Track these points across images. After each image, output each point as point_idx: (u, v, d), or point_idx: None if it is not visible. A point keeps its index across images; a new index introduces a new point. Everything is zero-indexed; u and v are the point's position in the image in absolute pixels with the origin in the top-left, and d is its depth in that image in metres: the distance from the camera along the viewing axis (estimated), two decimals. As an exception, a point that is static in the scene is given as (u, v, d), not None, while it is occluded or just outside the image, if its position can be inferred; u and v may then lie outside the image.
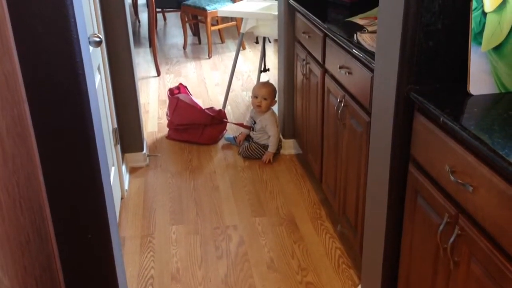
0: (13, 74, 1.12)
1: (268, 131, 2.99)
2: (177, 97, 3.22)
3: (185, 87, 3.43)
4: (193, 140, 3.19)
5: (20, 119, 1.14)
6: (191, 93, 3.46)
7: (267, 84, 3.08)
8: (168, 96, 3.33)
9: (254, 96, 3.01)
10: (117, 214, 2.44)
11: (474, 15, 1.29)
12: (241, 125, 3.18)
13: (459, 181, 1.16)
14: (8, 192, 1.02)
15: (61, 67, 1.18)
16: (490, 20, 1.30)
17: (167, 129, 3.34)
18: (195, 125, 3.19)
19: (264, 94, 2.97)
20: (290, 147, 3.08)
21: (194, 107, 3.19)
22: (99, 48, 2.28)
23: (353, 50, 1.84)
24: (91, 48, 1.85)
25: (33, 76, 1.18)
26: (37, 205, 1.22)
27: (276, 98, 3.06)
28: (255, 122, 3.04)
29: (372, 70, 1.67)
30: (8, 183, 1.02)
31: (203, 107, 3.37)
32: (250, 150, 3.01)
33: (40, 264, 1.21)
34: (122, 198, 2.63)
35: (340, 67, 1.99)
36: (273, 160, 2.98)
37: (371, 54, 1.71)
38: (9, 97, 1.08)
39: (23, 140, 1.14)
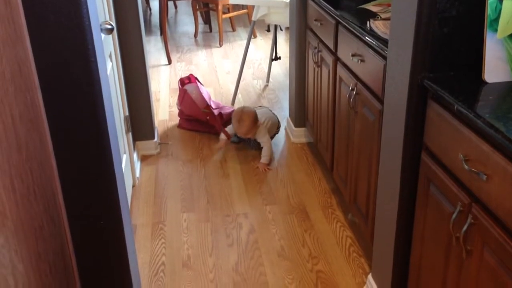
0: (26, 62, 1.13)
1: (259, 141, 2.89)
2: (185, 89, 3.22)
3: (196, 78, 3.41)
4: (202, 130, 3.20)
5: (33, 106, 1.14)
6: (201, 82, 3.44)
7: (243, 118, 2.81)
8: (179, 87, 3.33)
9: (235, 132, 2.88)
10: (129, 201, 2.45)
11: (490, 1, 1.27)
12: (225, 133, 2.97)
13: (473, 169, 1.15)
14: (22, 179, 1.02)
15: (73, 54, 1.19)
16: (506, 6, 1.28)
17: (178, 118, 3.35)
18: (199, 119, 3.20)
19: (244, 131, 2.83)
20: (301, 135, 3.07)
21: (196, 104, 3.16)
22: (110, 35, 2.28)
23: (366, 37, 1.82)
24: (102, 35, 1.85)
25: (46, 63, 1.18)
26: (50, 192, 1.23)
27: (260, 121, 2.88)
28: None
29: (385, 58, 1.65)
30: (22, 170, 1.03)
31: (212, 98, 3.36)
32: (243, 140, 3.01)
33: (54, 249, 1.22)
34: (133, 186, 2.65)
35: (353, 55, 1.98)
36: (271, 165, 2.97)
37: (384, 42, 1.69)
38: (22, 84, 1.09)
39: (36, 127, 1.15)
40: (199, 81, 3.40)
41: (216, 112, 3.12)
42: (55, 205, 1.26)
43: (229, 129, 2.96)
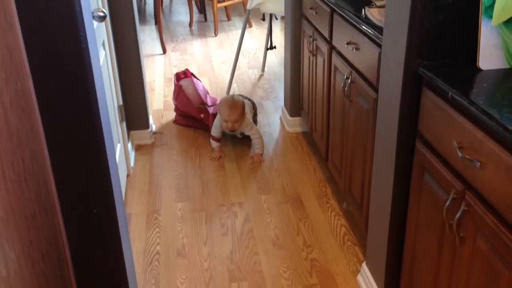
0: (16, 49, 1.11)
1: (248, 134, 2.83)
2: (180, 85, 3.16)
3: (192, 73, 3.31)
4: (198, 126, 3.11)
5: (24, 93, 1.13)
6: (197, 77, 3.34)
7: (235, 104, 2.76)
8: (174, 82, 3.25)
9: (224, 120, 2.75)
10: (123, 191, 2.45)
11: (485, -12, 1.26)
12: (214, 139, 2.86)
13: (467, 157, 1.15)
14: (13, 167, 1.02)
15: (65, 41, 1.17)
16: (502, -7, 1.27)
17: (173, 107, 3.33)
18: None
19: (235, 118, 2.73)
20: (296, 125, 3.06)
21: (190, 101, 3.08)
22: (103, 24, 2.26)
23: (361, 25, 1.81)
24: (95, 23, 1.84)
25: (37, 50, 1.16)
26: (42, 180, 1.22)
27: (247, 111, 2.84)
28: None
29: (380, 46, 1.64)
30: (13, 158, 1.02)
31: (207, 89, 3.32)
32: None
33: (46, 238, 1.21)
34: (128, 175, 2.64)
35: (348, 43, 1.97)
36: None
37: (379, 29, 1.68)
38: (13, 71, 1.07)
39: (27, 115, 1.14)
40: (195, 76, 3.31)
41: (211, 110, 3.03)
42: (47, 194, 1.25)
43: (215, 127, 2.83)
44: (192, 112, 3.10)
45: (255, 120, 3.04)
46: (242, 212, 2.36)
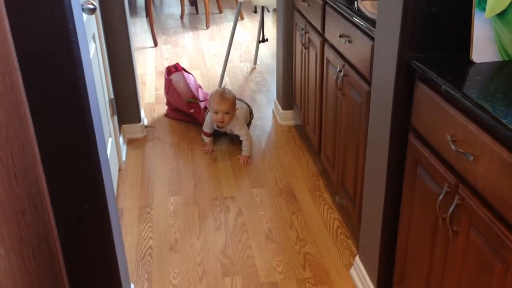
0: (4, 43, 1.09)
1: (237, 133, 2.76)
2: (170, 79, 3.11)
3: (183, 68, 3.25)
4: (189, 120, 3.08)
5: (13, 88, 1.11)
6: (188, 71, 3.28)
7: (226, 96, 2.69)
8: (165, 76, 3.20)
9: (214, 112, 2.67)
10: (115, 185, 2.43)
11: (479, -20, 1.25)
12: (205, 134, 2.82)
13: (460, 150, 1.15)
14: (2, 162, 1.00)
15: (53, 34, 1.15)
16: (495, -15, 1.26)
17: (165, 100, 3.30)
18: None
19: (225, 109, 2.65)
20: (288, 118, 3.05)
21: (180, 96, 3.04)
22: (93, 16, 2.23)
23: (354, 18, 1.80)
24: (85, 16, 1.81)
25: (25, 43, 1.14)
26: (32, 176, 1.20)
27: (241, 111, 2.79)
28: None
29: (372, 39, 1.64)
30: (1, 153, 1.00)
31: (199, 83, 3.29)
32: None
33: (37, 234, 1.20)
34: (119, 170, 2.62)
35: (340, 36, 1.96)
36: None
37: (372, 22, 1.67)
38: (1, 65, 1.05)
39: (16, 109, 1.12)
40: (186, 70, 3.26)
41: (202, 104, 2.99)
42: (37, 189, 1.24)
43: (206, 124, 2.78)
44: (182, 107, 3.07)
45: (249, 126, 2.93)
46: (235, 206, 2.35)
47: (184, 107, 3.05)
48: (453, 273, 1.25)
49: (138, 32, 4.84)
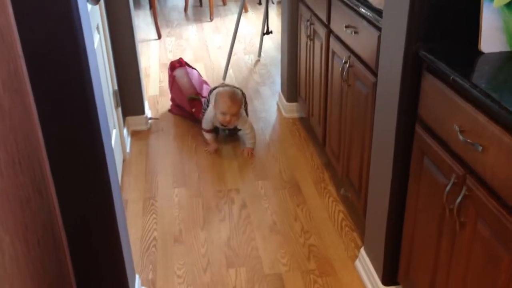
0: (8, 30, 1.09)
1: (241, 128, 2.71)
2: (174, 75, 3.08)
3: (186, 62, 3.20)
4: (192, 118, 3.01)
5: (17, 75, 1.10)
6: (192, 66, 3.23)
7: (235, 97, 2.61)
8: (168, 72, 3.17)
9: (222, 112, 2.57)
10: (120, 177, 2.43)
11: (488, -31, 1.24)
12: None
13: (468, 140, 1.14)
14: (6, 149, 0.99)
15: (58, 22, 1.14)
16: (505, -26, 1.25)
17: (169, 92, 3.29)
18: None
19: (235, 112, 2.58)
20: (293, 110, 3.04)
21: (183, 93, 2.98)
22: (97, 7, 2.22)
23: (360, 8, 1.78)
24: (89, 6, 1.80)
25: (29, 31, 1.14)
26: (37, 164, 1.20)
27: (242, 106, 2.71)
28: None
29: (379, 29, 1.62)
30: (6, 140, 1.00)
31: (204, 78, 3.25)
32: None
33: (42, 222, 1.19)
34: (124, 161, 2.62)
35: (346, 27, 1.94)
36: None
37: (378, 12, 1.65)
38: (5, 52, 1.05)
39: (20, 97, 1.11)
40: (189, 65, 3.20)
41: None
42: (42, 178, 1.23)
43: (206, 122, 2.70)
44: (185, 105, 2.99)
45: (246, 112, 2.87)
46: (239, 198, 2.34)
47: (186, 106, 2.98)
48: (459, 265, 1.24)
49: (142, 24, 4.83)
